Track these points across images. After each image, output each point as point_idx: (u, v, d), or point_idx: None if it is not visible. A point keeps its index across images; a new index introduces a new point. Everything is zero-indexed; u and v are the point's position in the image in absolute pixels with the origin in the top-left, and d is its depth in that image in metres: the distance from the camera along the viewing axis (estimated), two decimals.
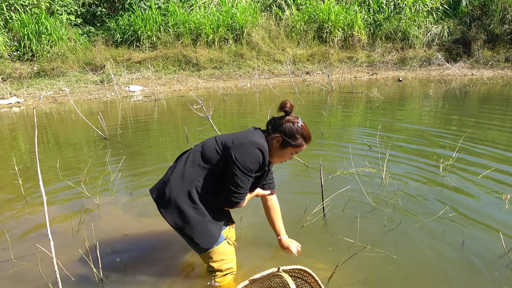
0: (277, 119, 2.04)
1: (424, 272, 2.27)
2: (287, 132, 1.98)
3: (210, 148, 2.01)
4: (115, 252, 2.57)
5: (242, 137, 1.99)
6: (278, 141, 2.00)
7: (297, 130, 1.98)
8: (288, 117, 2.01)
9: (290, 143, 1.99)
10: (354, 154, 4.40)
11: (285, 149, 2.02)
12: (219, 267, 2.09)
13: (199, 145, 2.10)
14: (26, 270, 2.39)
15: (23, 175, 3.83)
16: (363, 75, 13.37)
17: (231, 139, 1.99)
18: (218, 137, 2.08)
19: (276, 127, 2.01)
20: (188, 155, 2.07)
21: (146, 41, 13.09)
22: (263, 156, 1.95)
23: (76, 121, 7.14)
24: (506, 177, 3.64)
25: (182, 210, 1.97)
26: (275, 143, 2.01)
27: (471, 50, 14.01)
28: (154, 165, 4.40)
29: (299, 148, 2.03)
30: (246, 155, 1.91)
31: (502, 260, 2.33)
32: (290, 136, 1.98)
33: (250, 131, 2.06)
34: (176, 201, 1.97)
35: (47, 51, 11.65)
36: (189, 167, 2.01)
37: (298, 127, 1.99)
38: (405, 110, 7.65)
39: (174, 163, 2.14)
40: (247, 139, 1.96)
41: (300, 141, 2.00)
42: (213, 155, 1.99)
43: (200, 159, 2.01)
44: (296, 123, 1.99)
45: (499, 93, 9.36)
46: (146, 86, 11.31)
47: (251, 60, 13.44)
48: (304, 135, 2.00)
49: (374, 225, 2.80)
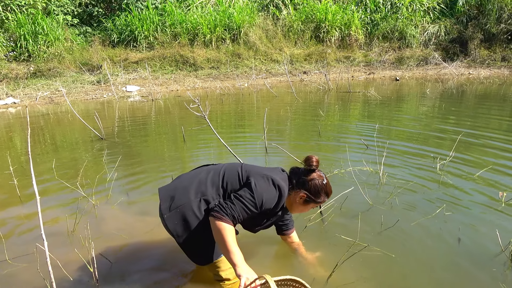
0: (302, 174, 2.02)
1: (421, 270, 2.26)
2: (313, 190, 1.98)
3: (233, 173, 1.99)
4: (111, 252, 2.55)
5: (268, 172, 1.97)
6: (301, 197, 2.00)
7: (322, 188, 1.99)
8: (314, 174, 2.00)
9: (314, 200, 2.01)
10: (351, 153, 4.40)
11: (308, 205, 2.04)
12: (227, 276, 2.02)
13: (222, 166, 2.07)
14: (21, 271, 2.37)
15: (18, 175, 3.81)
16: (360, 74, 13.38)
17: (256, 169, 1.99)
18: (243, 164, 2.06)
19: (301, 183, 2.00)
20: (209, 170, 2.04)
21: (143, 41, 13.07)
22: (279, 201, 1.94)
23: (72, 122, 7.11)
24: (503, 175, 3.65)
25: (187, 220, 1.91)
26: (298, 199, 2.01)
27: (468, 50, 14.04)
28: (151, 165, 4.38)
29: (320, 203, 2.06)
30: (266, 189, 1.89)
31: (499, 258, 2.33)
32: (315, 194, 1.99)
33: (278, 170, 2.05)
34: (184, 209, 1.92)
35: (43, 51, 11.62)
36: (208, 183, 1.97)
37: (323, 185, 1.99)
38: (402, 109, 7.66)
39: (191, 171, 2.11)
40: (272, 176, 1.94)
41: (323, 198, 2.02)
42: (234, 180, 1.96)
43: (219, 179, 1.98)
44: (321, 181, 1.99)
45: (496, 92, 9.38)
46: (143, 86, 11.28)
47: (249, 60, 13.43)
48: (327, 192, 2.02)
49: (371, 224, 2.80)
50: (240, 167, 2.03)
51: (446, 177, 3.62)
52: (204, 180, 1.97)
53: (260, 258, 2.42)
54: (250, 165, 2.07)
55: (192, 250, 1.98)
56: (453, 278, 2.18)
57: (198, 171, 2.09)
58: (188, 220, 1.91)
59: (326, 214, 2.95)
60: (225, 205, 1.83)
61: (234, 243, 1.79)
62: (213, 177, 1.99)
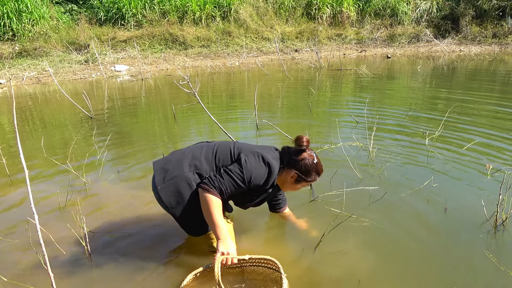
0: (293, 154, 2.02)
1: (407, 239, 2.32)
2: (303, 170, 2.00)
3: (225, 150, 2.00)
4: (102, 227, 2.57)
5: (260, 150, 1.98)
6: (292, 177, 2.02)
7: (312, 167, 2.00)
8: (304, 154, 2.01)
9: (304, 179, 2.03)
10: (342, 129, 4.43)
11: (299, 183, 2.06)
12: None
13: (215, 143, 2.08)
14: (13, 247, 2.37)
15: (6, 154, 3.77)
16: (352, 52, 13.31)
17: (247, 147, 2.00)
18: (236, 142, 2.07)
19: (292, 163, 2.01)
20: (203, 146, 2.05)
21: (131, 19, 12.78)
22: (268, 179, 1.94)
23: (61, 102, 7.01)
24: (490, 149, 3.71)
25: (181, 191, 1.93)
26: (289, 178, 2.03)
27: (460, 26, 14.01)
28: (141, 144, 4.36)
29: (312, 182, 2.07)
30: (255, 166, 1.90)
31: (483, 226, 2.39)
32: (306, 173, 2.00)
33: (270, 149, 2.06)
34: (177, 180, 1.93)
35: (28, 30, 11.31)
36: (202, 157, 1.98)
37: (314, 164, 2.00)
38: (393, 86, 7.67)
39: (185, 148, 2.13)
40: (263, 154, 1.94)
41: (314, 177, 2.04)
42: (226, 157, 1.98)
43: (212, 154, 2.00)
44: (312, 160, 2.00)
45: (486, 68, 9.42)
46: (132, 65, 11.11)
47: (239, 38, 13.25)
48: (318, 171, 2.04)
49: (360, 196, 2.84)
50: (232, 144, 2.05)
51: (435, 151, 3.67)
52: (198, 155, 1.99)
53: (252, 227, 2.45)
54: (242, 143, 2.09)
55: (185, 221, 2.02)
56: (439, 245, 2.24)
57: (192, 147, 2.10)
58: (181, 192, 1.93)
59: (316, 187, 2.99)
60: (214, 178, 1.85)
61: (220, 216, 1.83)
62: (206, 152, 2.00)
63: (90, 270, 2.13)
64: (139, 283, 2.00)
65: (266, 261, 1.84)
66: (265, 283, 1.86)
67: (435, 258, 2.13)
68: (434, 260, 2.11)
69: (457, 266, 2.06)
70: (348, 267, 2.06)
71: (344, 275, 2.00)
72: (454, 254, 2.16)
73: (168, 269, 2.10)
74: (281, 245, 2.37)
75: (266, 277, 1.87)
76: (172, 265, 2.13)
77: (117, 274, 2.09)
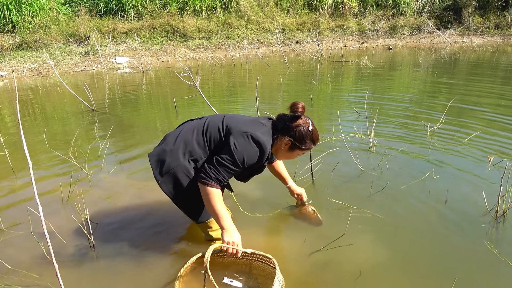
0: (287, 121, 1.99)
1: (408, 229, 2.34)
2: (297, 137, 1.96)
3: (215, 129, 1.97)
4: (106, 218, 2.59)
5: (249, 126, 1.92)
6: (286, 143, 1.99)
7: (307, 135, 1.97)
8: (299, 120, 1.97)
9: (299, 147, 1.99)
10: (343, 120, 4.43)
11: (293, 151, 2.03)
12: (218, 235, 2.09)
13: (205, 119, 2.05)
14: (17, 238, 2.40)
15: (9, 147, 3.78)
16: (353, 43, 13.23)
17: (236, 125, 1.93)
18: (225, 118, 2.01)
19: (286, 130, 1.97)
20: (193, 129, 2.02)
21: (131, 10, 12.70)
22: (261, 156, 1.92)
23: (62, 94, 7.00)
24: (491, 140, 3.71)
25: (180, 182, 1.96)
26: (283, 145, 2.00)
27: (462, 17, 13.89)
28: (142, 135, 4.37)
29: (306, 150, 2.03)
30: (245, 148, 1.86)
31: (484, 217, 2.41)
32: (300, 141, 1.97)
33: (260, 122, 1.99)
34: (175, 172, 1.95)
35: (28, 22, 11.26)
36: (194, 142, 1.97)
37: (309, 131, 1.97)
38: (394, 77, 7.64)
39: (177, 130, 2.10)
40: (252, 131, 1.89)
41: (309, 145, 2.00)
42: (216, 136, 1.95)
43: (203, 135, 1.97)
44: (307, 127, 1.96)
45: (488, 60, 9.37)
46: (133, 57, 11.07)
47: (240, 30, 13.17)
48: (313, 139, 2.00)
49: (361, 188, 2.85)
50: (221, 121, 1.99)
51: (436, 143, 3.67)
52: (190, 141, 1.97)
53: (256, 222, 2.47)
54: (231, 118, 2.01)
55: (189, 209, 2.07)
56: (440, 236, 2.26)
57: (183, 130, 2.06)
58: (180, 182, 1.96)
59: (317, 178, 3.00)
60: (209, 170, 1.86)
61: (221, 207, 1.86)
62: (197, 136, 1.98)
63: (93, 261, 2.16)
64: (142, 272, 2.03)
65: (268, 259, 1.85)
66: (265, 280, 1.87)
67: (436, 249, 2.14)
68: (435, 252, 2.12)
69: (458, 257, 2.08)
70: (349, 258, 2.08)
71: (345, 266, 2.02)
72: (455, 246, 2.17)
73: (171, 258, 2.13)
74: (284, 236, 2.39)
75: (268, 275, 1.88)
76: (175, 254, 2.16)
77: (120, 264, 2.12)
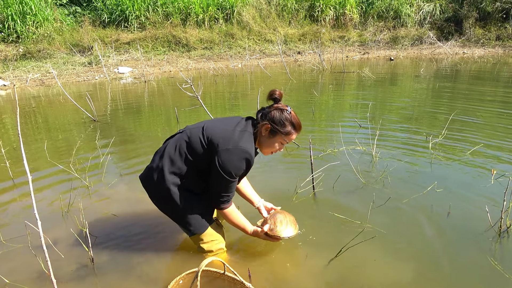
0: (266, 108, 2.03)
1: (410, 245, 2.31)
2: (276, 119, 1.96)
3: (196, 140, 1.97)
4: (105, 232, 2.57)
5: (229, 139, 1.91)
6: (266, 128, 1.98)
7: (286, 117, 1.97)
8: (277, 104, 2.00)
9: (279, 130, 1.97)
10: (345, 133, 4.42)
11: (275, 137, 2.00)
12: (209, 248, 2.13)
13: (186, 132, 2.05)
14: (16, 252, 2.38)
15: (10, 157, 3.78)
16: (354, 54, 13.29)
17: (217, 138, 1.92)
18: (205, 126, 2.01)
19: (265, 115, 2.00)
20: (176, 143, 2.03)
21: (134, 21, 12.81)
22: (249, 163, 1.95)
23: (64, 104, 7.03)
24: (494, 153, 3.69)
25: (171, 198, 2.01)
26: (264, 131, 1.99)
27: (463, 29, 13.96)
28: (144, 147, 4.36)
29: (288, 136, 2.00)
30: (231, 163, 1.88)
31: (488, 233, 2.38)
32: (279, 123, 1.96)
33: (239, 127, 1.98)
34: (164, 190, 2.01)
35: (32, 32, 11.36)
36: (177, 156, 1.99)
37: (287, 114, 1.97)
38: (396, 89, 7.65)
39: (162, 147, 2.11)
40: (233, 143, 1.89)
41: (289, 129, 1.98)
42: (198, 148, 1.96)
43: (185, 149, 1.98)
44: (285, 111, 1.97)
45: (490, 71, 9.38)
46: (136, 67, 11.14)
47: (242, 40, 13.26)
48: (293, 123, 1.98)
49: (363, 202, 2.83)
50: (201, 132, 1.98)
51: (438, 155, 3.65)
52: (173, 156, 1.99)
53: None
54: (211, 128, 1.99)
55: (180, 223, 2.13)
56: (443, 251, 2.22)
57: (167, 146, 2.07)
58: (172, 199, 2.02)
59: (319, 191, 2.98)
60: (215, 197, 1.99)
61: (240, 220, 2.10)
62: (180, 150, 1.99)
63: (92, 275, 2.13)
64: None
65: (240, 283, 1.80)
66: None
67: (438, 266, 2.11)
68: (438, 268, 2.09)
69: (461, 274, 2.04)
70: (350, 272, 2.05)
71: (347, 280, 1.99)
72: (458, 261, 2.14)
73: (173, 273, 2.10)
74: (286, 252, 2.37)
75: None
76: (177, 269, 2.13)
77: (120, 279, 2.09)
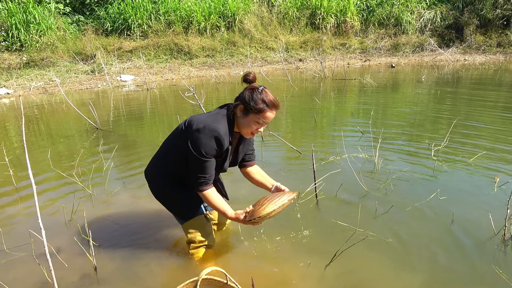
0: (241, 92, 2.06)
1: (413, 253, 2.30)
2: (247, 97, 1.98)
3: (180, 127, 2.10)
4: (109, 240, 2.57)
5: (201, 120, 1.97)
6: (240, 109, 2.00)
7: (257, 95, 1.97)
8: (250, 85, 2.04)
9: (251, 108, 1.96)
10: (347, 140, 4.42)
11: (248, 116, 1.99)
12: (193, 238, 2.20)
13: (172, 134, 2.19)
14: (20, 260, 2.38)
15: (14, 166, 3.80)
16: (356, 61, 13.34)
17: (193, 121, 2.00)
18: (190, 116, 2.10)
19: (239, 97, 2.03)
20: (170, 135, 2.20)
21: (137, 29, 12.90)
22: (219, 141, 1.94)
23: (67, 112, 7.06)
24: (497, 160, 3.68)
25: (163, 186, 2.17)
26: (239, 112, 2.02)
27: (464, 35, 13.99)
28: (147, 154, 4.37)
29: (262, 113, 1.98)
30: (200, 141, 1.92)
31: (492, 241, 2.37)
32: (250, 101, 1.96)
33: (214, 112, 2.05)
34: (158, 178, 2.18)
35: (36, 41, 11.45)
36: (172, 147, 2.13)
37: (258, 92, 1.98)
38: (397, 96, 7.66)
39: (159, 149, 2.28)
40: (204, 123, 1.94)
41: (261, 106, 1.96)
42: (182, 134, 2.04)
43: (172, 140, 2.14)
44: (256, 90, 1.98)
45: (491, 78, 9.39)
46: (138, 75, 11.19)
47: (244, 48, 13.32)
48: (265, 101, 1.97)
49: (366, 209, 2.83)
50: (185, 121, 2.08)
51: (441, 163, 3.65)
52: (165, 148, 2.20)
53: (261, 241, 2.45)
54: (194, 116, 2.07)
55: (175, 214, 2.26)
56: (447, 260, 2.22)
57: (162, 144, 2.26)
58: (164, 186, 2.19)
59: (322, 199, 2.98)
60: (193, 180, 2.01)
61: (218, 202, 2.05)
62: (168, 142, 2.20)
63: (95, 284, 2.13)
64: None
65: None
66: None
67: (442, 273, 2.11)
68: (442, 276, 2.08)
69: (466, 282, 2.03)
70: (353, 280, 2.04)
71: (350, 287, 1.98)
72: (462, 269, 2.13)
73: (175, 282, 2.09)
74: (289, 260, 2.36)
75: None
76: (179, 279, 2.12)
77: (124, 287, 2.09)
